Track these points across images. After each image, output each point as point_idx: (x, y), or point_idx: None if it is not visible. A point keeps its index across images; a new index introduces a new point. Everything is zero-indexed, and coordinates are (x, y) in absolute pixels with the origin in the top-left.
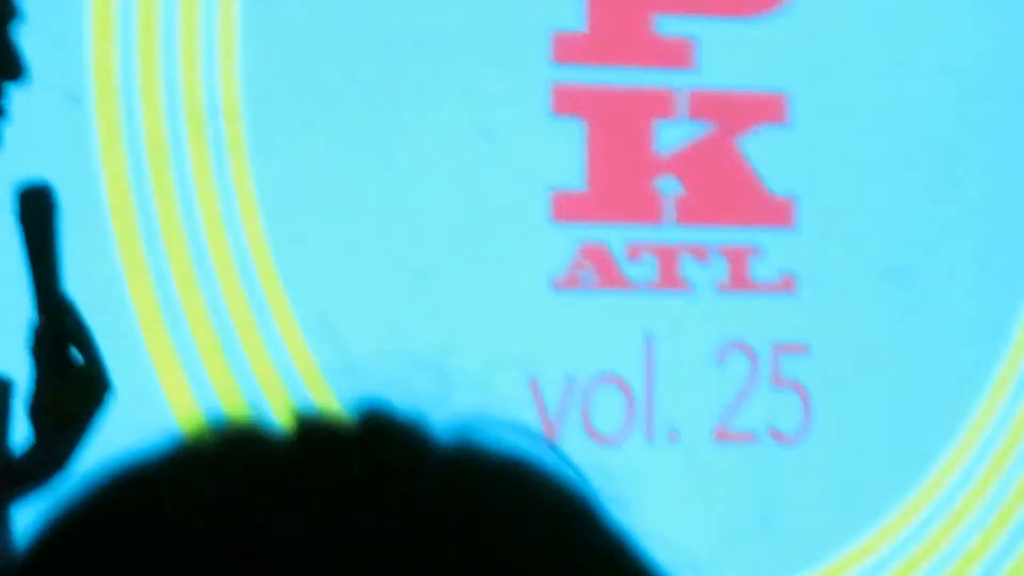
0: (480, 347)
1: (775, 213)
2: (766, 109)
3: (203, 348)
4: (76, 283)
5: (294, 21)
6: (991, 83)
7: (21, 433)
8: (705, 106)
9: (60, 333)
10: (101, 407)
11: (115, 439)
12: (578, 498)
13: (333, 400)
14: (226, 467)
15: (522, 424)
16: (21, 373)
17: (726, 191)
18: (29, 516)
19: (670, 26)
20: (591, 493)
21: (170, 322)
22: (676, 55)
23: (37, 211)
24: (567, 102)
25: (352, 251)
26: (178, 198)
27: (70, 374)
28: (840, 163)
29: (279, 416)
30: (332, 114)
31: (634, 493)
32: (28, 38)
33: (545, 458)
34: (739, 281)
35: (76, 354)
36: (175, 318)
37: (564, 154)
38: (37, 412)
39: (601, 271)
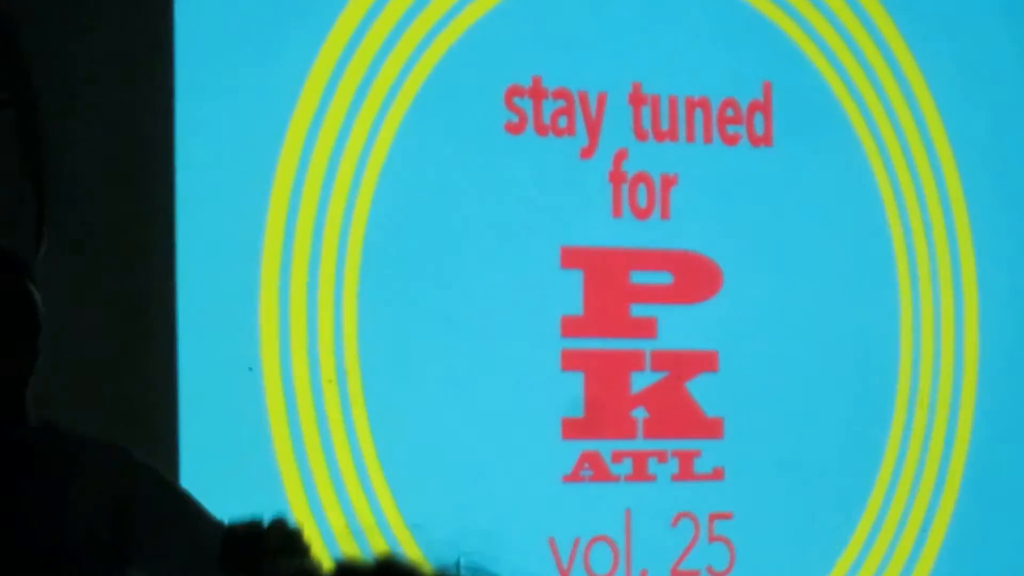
0: (518, 520)
1: (710, 429)
2: (704, 362)
3: (336, 528)
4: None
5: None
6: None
7: None
8: (663, 361)
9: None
10: None
11: None
12: None
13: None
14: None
15: None
16: None
17: (677, 415)
18: None
19: (640, 310)
20: None
21: (314, 507)
22: (645, 329)
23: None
24: (572, 361)
25: (435, 463)
26: (319, 432)
27: None
28: (758, 397)
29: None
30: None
31: None
32: (213, 322)
33: None
34: (686, 473)
35: None
36: (317, 504)
37: (570, 394)
38: None
39: (595, 469)
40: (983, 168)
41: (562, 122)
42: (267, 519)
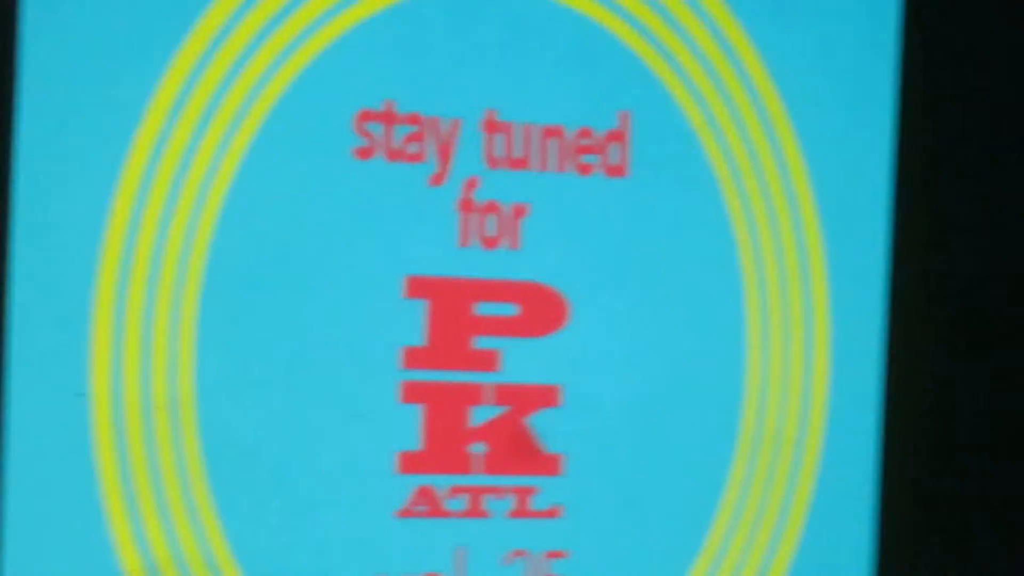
0: (349, 555)
1: (549, 465)
2: (546, 396)
3: (161, 558)
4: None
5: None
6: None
7: None
8: (505, 395)
9: None
10: None
11: None
12: None
13: None
14: None
15: None
16: None
17: (517, 451)
18: None
19: (483, 342)
20: None
21: (137, 536)
22: (487, 361)
23: None
24: (411, 393)
25: (273, 494)
26: (147, 467)
27: None
28: (600, 433)
29: None
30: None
31: None
32: (44, 344)
33: None
34: (523, 510)
35: None
36: (142, 533)
37: (407, 427)
38: None
39: (429, 504)
40: (840, 203)
41: (413, 148)
42: None
